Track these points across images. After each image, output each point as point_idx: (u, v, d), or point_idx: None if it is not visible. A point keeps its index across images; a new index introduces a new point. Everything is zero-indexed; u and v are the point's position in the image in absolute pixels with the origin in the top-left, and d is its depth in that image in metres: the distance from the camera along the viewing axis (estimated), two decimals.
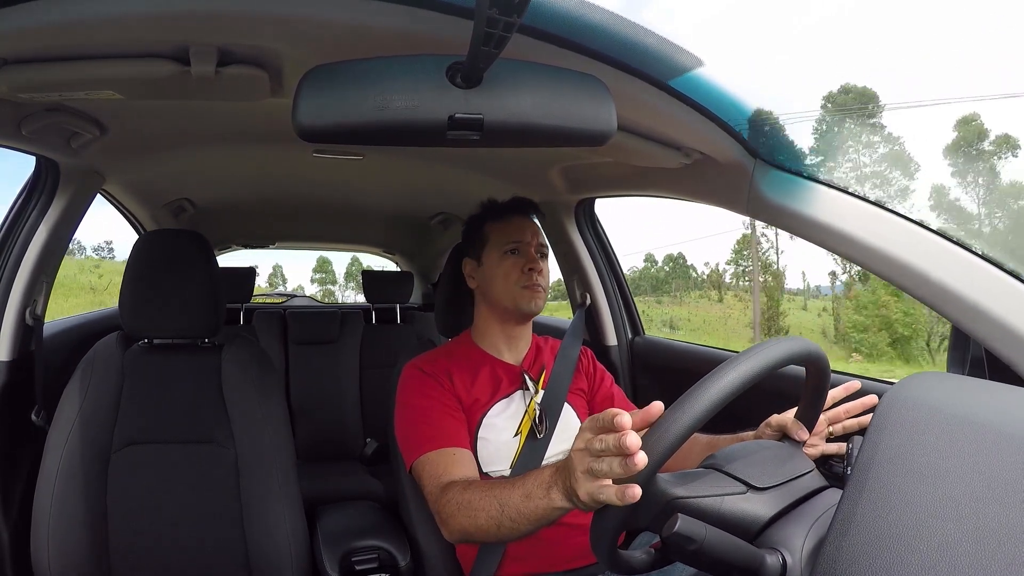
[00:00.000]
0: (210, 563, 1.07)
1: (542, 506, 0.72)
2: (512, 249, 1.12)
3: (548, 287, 1.15)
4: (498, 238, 1.13)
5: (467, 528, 0.85)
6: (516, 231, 1.13)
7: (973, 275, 0.73)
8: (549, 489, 0.71)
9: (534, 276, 1.10)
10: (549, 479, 0.72)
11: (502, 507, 0.79)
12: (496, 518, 0.79)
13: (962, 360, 0.81)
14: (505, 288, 1.11)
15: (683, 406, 0.57)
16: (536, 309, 1.12)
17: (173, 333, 1.15)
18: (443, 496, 0.91)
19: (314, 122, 0.56)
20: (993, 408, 0.50)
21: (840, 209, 0.83)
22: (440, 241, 2.49)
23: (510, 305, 1.11)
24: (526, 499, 0.75)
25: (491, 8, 0.46)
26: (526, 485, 0.76)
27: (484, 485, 0.86)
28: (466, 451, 1.01)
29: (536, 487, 0.74)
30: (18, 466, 1.17)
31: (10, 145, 1.01)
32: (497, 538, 0.82)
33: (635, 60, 0.73)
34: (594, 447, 0.60)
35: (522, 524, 0.76)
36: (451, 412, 1.04)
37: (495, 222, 1.15)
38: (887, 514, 0.45)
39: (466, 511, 0.84)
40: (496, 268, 1.12)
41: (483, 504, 0.82)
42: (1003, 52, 34.67)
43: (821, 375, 0.70)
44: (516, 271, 1.10)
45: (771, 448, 0.70)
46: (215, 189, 1.83)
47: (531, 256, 1.11)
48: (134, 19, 0.62)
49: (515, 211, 1.16)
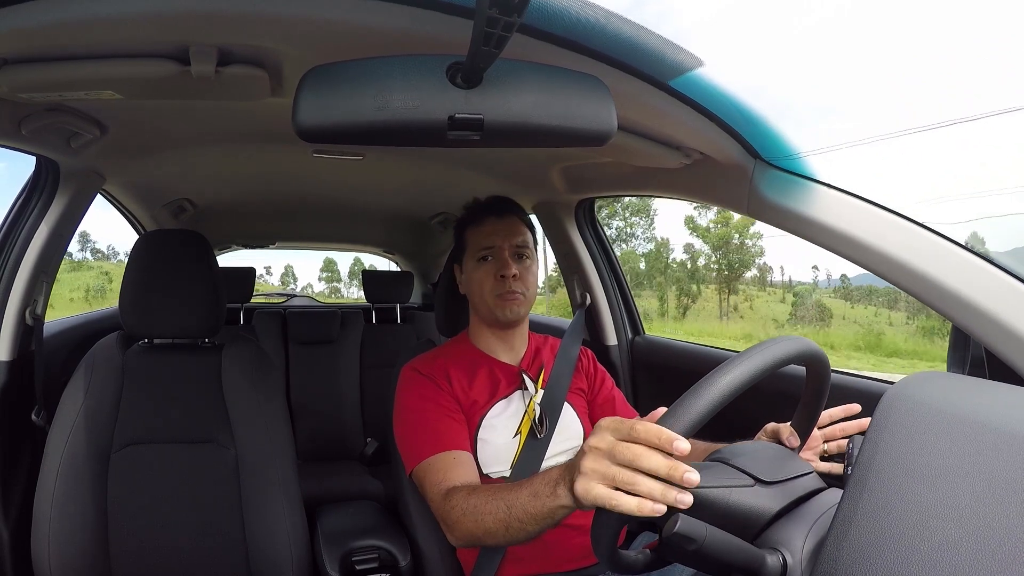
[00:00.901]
0: (210, 563, 1.07)
1: (548, 504, 0.71)
2: (484, 256, 1.09)
3: (531, 290, 1.10)
4: (472, 244, 1.11)
5: (474, 532, 0.84)
6: (487, 236, 1.09)
7: (973, 275, 0.73)
8: (556, 486, 0.70)
9: (507, 283, 1.06)
10: (557, 477, 0.71)
11: (509, 508, 0.78)
12: (504, 520, 0.78)
13: (962, 360, 0.81)
14: (481, 297, 1.10)
15: (697, 393, 0.57)
16: (513, 317, 1.09)
17: (173, 333, 1.15)
18: (447, 502, 0.89)
19: (314, 122, 0.56)
20: (993, 408, 0.50)
21: (840, 209, 0.83)
22: (440, 241, 2.49)
23: (488, 314, 1.11)
24: (533, 498, 0.74)
25: (491, 8, 0.46)
26: (533, 484, 0.75)
27: (489, 489, 0.85)
28: (466, 453, 1.00)
29: (543, 485, 0.73)
30: (18, 466, 1.17)
31: (10, 145, 1.01)
32: (506, 540, 0.81)
33: (635, 60, 0.73)
34: (619, 454, 0.58)
35: (529, 524, 0.75)
36: (450, 414, 1.03)
37: (471, 226, 1.13)
38: (887, 514, 0.45)
39: (472, 516, 0.83)
40: (472, 276, 1.11)
41: (489, 508, 0.81)
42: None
43: (821, 376, 0.70)
44: (489, 279, 1.08)
45: (774, 448, 0.70)
46: (215, 189, 1.83)
47: (504, 260, 1.07)
48: (134, 19, 0.62)
49: (488, 212, 1.12)
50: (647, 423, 0.58)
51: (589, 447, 0.63)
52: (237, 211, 2.16)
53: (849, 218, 0.82)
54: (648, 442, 0.57)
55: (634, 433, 0.58)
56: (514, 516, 0.77)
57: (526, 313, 1.13)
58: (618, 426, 0.61)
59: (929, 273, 0.75)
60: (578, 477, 0.62)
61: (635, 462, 0.57)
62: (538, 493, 0.73)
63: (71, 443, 1.04)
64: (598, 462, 0.61)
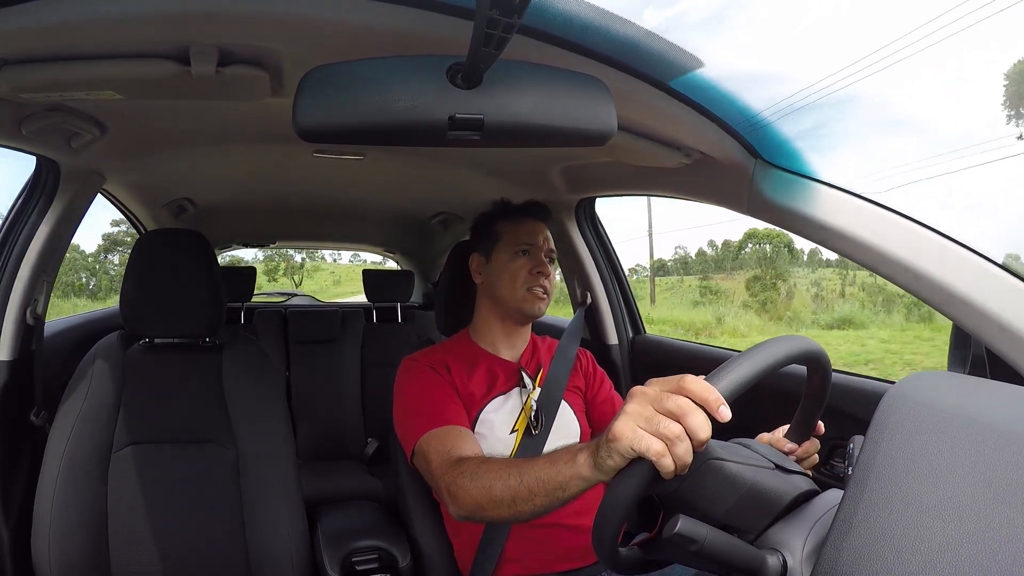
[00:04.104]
0: (211, 563, 1.07)
1: (565, 472, 0.68)
2: (523, 250, 1.13)
3: (552, 293, 1.15)
4: (510, 237, 1.15)
5: (479, 500, 0.81)
6: (528, 233, 1.15)
7: (974, 274, 0.73)
8: (577, 454, 0.66)
9: (541, 280, 1.12)
10: (579, 447, 0.68)
11: (521, 476, 0.75)
12: (513, 488, 0.75)
13: (963, 359, 0.81)
14: (512, 288, 1.12)
15: (747, 359, 0.57)
16: (539, 313, 1.13)
17: (174, 333, 1.15)
18: (456, 468, 0.87)
19: (314, 122, 0.56)
20: (994, 408, 0.50)
21: (840, 209, 0.83)
22: (440, 241, 2.49)
23: (514, 305, 1.12)
24: (550, 464, 0.71)
25: (491, 9, 0.46)
26: (553, 455, 0.72)
27: (503, 460, 0.85)
28: (471, 432, 1.00)
29: (564, 452, 0.70)
30: (18, 466, 1.17)
31: (10, 145, 1.01)
32: (510, 513, 0.77)
33: (635, 60, 0.73)
34: (666, 402, 0.55)
35: (539, 496, 0.72)
36: (451, 397, 1.04)
37: (508, 222, 1.17)
38: (888, 514, 0.45)
39: (481, 482, 0.81)
40: (505, 266, 1.13)
41: (500, 475, 0.78)
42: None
43: (822, 375, 0.70)
44: (525, 272, 1.12)
45: (776, 450, 0.70)
46: (215, 189, 1.83)
47: (540, 259, 1.13)
48: (134, 19, 0.62)
49: (529, 214, 1.18)
50: (697, 378, 0.55)
51: (633, 393, 0.59)
52: (237, 211, 2.16)
53: (850, 217, 0.82)
54: (698, 396, 0.54)
55: (684, 384, 0.55)
56: (524, 485, 0.74)
57: (544, 313, 1.16)
58: (665, 379, 0.58)
59: (930, 272, 0.75)
60: (619, 419, 0.58)
61: (680, 415, 0.54)
62: (556, 460, 0.70)
63: (72, 443, 1.04)
64: (643, 407, 0.57)
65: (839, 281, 22.90)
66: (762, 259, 22.74)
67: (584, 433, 1.13)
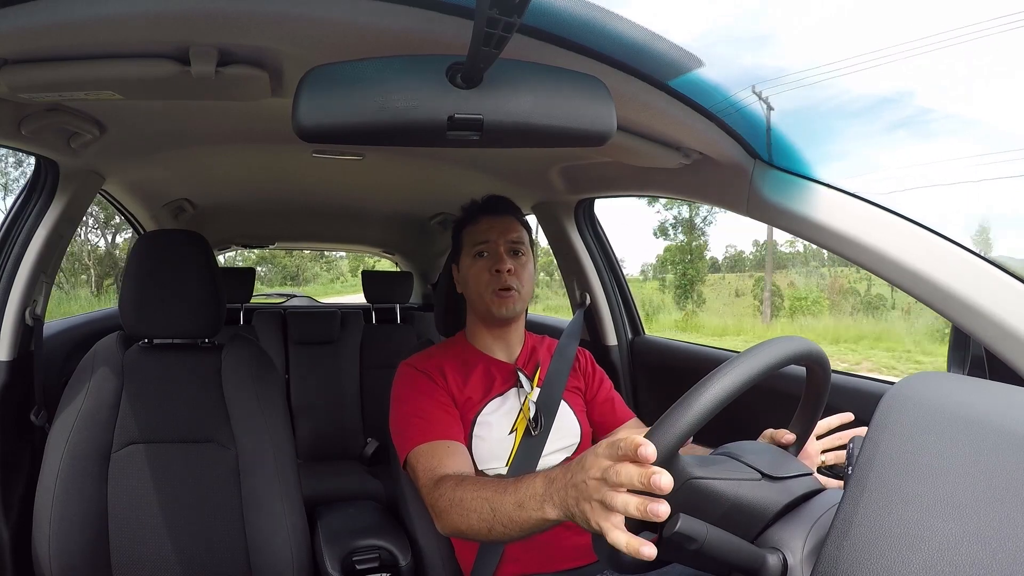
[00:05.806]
0: (210, 563, 1.07)
1: (535, 517, 0.71)
2: (479, 252, 1.10)
3: (526, 287, 1.10)
4: (469, 240, 1.13)
5: (459, 526, 0.84)
6: (484, 232, 1.11)
7: (973, 275, 0.73)
8: (543, 503, 0.69)
9: (503, 278, 1.07)
10: (543, 492, 0.69)
11: (494, 512, 0.77)
12: (488, 521, 0.78)
13: (962, 360, 0.81)
14: (477, 292, 1.10)
15: (685, 404, 0.56)
16: (509, 314, 1.09)
17: (173, 333, 1.15)
18: (436, 490, 0.90)
19: (314, 122, 0.56)
20: (993, 408, 0.50)
21: (840, 209, 0.83)
22: (440, 241, 2.49)
23: (483, 310, 1.11)
24: (519, 508, 0.73)
25: (491, 8, 0.46)
26: (519, 493, 0.73)
27: (477, 484, 0.84)
28: (460, 444, 1.00)
29: (529, 498, 0.71)
30: (18, 466, 1.17)
31: (10, 145, 1.01)
32: (489, 539, 0.81)
33: (635, 60, 0.73)
34: (610, 478, 0.56)
35: (513, 531, 0.75)
36: (445, 407, 1.04)
37: (468, 225, 1.15)
38: (888, 514, 0.45)
39: (458, 509, 0.83)
40: (468, 272, 1.12)
41: (475, 505, 0.81)
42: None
43: (822, 376, 0.70)
44: (485, 274, 1.09)
45: (775, 449, 0.70)
46: (215, 189, 1.83)
47: (499, 255, 1.08)
48: (134, 19, 0.62)
49: (483, 211, 1.14)
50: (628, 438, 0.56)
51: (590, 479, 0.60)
52: (237, 211, 2.16)
53: (849, 218, 0.82)
54: (627, 457, 0.55)
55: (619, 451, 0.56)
56: (498, 520, 0.77)
57: (522, 310, 1.13)
58: (610, 452, 0.59)
59: (929, 273, 0.75)
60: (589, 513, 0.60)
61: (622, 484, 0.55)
62: (524, 505, 0.72)
63: (71, 443, 1.04)
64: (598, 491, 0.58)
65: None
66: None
67: (585, 433, 1.13)
